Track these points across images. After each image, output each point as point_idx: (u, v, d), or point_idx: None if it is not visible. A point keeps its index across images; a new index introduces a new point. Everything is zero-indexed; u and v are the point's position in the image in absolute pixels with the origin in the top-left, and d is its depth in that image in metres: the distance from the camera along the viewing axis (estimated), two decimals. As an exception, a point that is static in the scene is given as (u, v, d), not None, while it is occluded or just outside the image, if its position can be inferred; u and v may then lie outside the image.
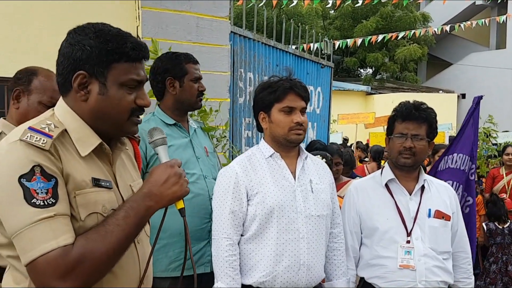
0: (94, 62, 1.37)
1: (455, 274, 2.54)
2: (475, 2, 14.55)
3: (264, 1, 10.50)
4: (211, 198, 2.48)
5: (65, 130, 1.37)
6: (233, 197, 2.30)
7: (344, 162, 4.14)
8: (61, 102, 1.44)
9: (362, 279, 2.56)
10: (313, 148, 3.81)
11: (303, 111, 2.35)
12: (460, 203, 3.18)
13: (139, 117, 1.47)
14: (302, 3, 14.76)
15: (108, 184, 1.42)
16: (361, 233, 2.58)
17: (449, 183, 3.26)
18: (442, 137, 9.58)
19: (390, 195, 2.53)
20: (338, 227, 2.50)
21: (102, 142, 1.42)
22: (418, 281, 2.41)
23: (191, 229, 2.07)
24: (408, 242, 2.44)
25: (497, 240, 5.19)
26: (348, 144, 10.37)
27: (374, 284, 2.49)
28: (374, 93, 15.69)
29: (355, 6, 15.43)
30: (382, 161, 6.37)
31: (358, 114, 9.37)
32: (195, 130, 2.83)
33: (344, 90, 15.94)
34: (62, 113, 1.41)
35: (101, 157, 1.44)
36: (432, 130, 2.54)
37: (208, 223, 2.61)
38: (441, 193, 2.58)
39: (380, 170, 2.67)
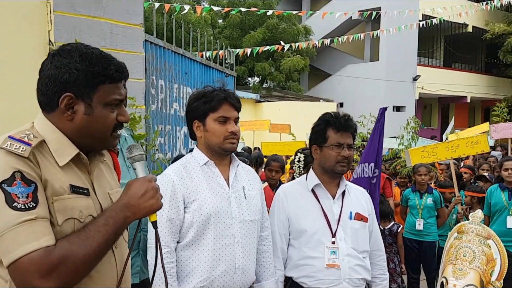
0: (81, 85, 1.45)
1: (372, 271, 2.77)
2: (351, 17, 15.74)
3: (156, 7, 10.43)
4: None
5: (44, 140, 1.44)
6: (170, 204, 2.34)
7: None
8: (41, 116, 1.51)
9: (290, 279, 2.69)
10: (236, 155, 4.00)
11: (236, 121, 2.45)
12: None
13: (118, 132, 1.58)
14: (192, 11, 14.92)
15: (85, 191, 1.48)
16: (289, 235, 2.71)
17: None
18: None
19: (316, 199, 2.71)
20: (267, 230, 2.63)
21: (79, 152, 1.49)
22: (342, 279, 2.60)
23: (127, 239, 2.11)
24: (333, 243, 2.62)
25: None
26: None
27: (302, 284, 2.64)
28: (263, 101, 16.28)
29: (243, 16, 15.94)
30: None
31: (255, 121, 9.70)
32: (125, 138, 2.82)
33: (236, 98, 16.32)
34: (42, 126, 1.48)
35: (79, 166, 1.50)
36: (354, 139, 2.77)
37: (138, 234, 2.62)
38: (359, 197, 2.82)
39: (305, 175, 2.84)
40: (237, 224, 2.40)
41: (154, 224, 1.60)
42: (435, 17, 16.55)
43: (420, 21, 16.71)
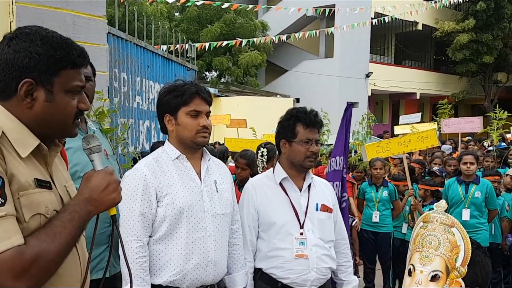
0: (41, 70, 1.37)
1: (337, 260, 2.86)
2: (306, 14, 15.97)
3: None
4: None
5: (3, 131, 1.35)
6: (142, 199, 2.35)
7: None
8: None
9: (259, 270, 2.75)
10: None
11: (207, 115, 2.46)
12: (339, 198, 3.65)
13: (79, 120, 1.51)
14: (147, 3, 14.72)
15: (48, 184, 1.43)
16: (258, 228, 2.77)
17: (337, 184, 3.72)
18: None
19: (284, 192, 2.78)
20: (237, 223, 2.68)
21: (40, 143, 1.42)
22: (310, 269, 2.69)
23: (92, 234, 2.09)
24: (301, 234, 2.70)
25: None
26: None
27: (271, 274, 2.72)
28: (221, 96, 16.28)
29: (200, 10, 15.86)
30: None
31: (215, 116, 9.68)
32: (94, 132, 2.78)
33: (195, 92, 16.25)
34: None
35: (38, 158, 1.43)
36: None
37: (108, 228, 2.60)
38: (323, 189, 2.92)
39: (272, 169, 2.90)
40: (209, 217, 2.44)
41: (114, 218, 1.57)
42: (386, 15, 17.00)
43: (372, 18, 17.10)
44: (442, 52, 25.99)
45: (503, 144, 10.61)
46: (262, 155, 5.09)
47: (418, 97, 25.01)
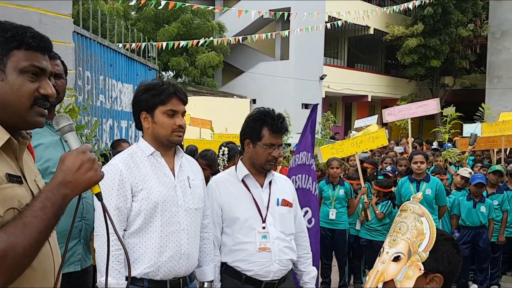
0: None
1: (298, 252, 3.00)
2: (263, 16, 16.17)
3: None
4: (83, 197, 2.50)
5: None
6: (118, 194, 2.41)
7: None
8: None
9: (224, 264, 2.85)
10: None
11: (183, 114, 2.55)
12: (313, 190, 3.81)
13: (45, 108, 1.46)
14: (103, 1, 14.51)
15: (19, 179, 1.39)
16: (222, 223, 2.87)
17: (299, 176, 3.87)
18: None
19: (246, 189, 2.89)
20: (208, 218, 2.78)
21: (10, 137, 1.38)
22: (273, 261, 2.81)
23: (64, 228, 2.00)
24: (263, 228, 2.82)
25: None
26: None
27: (236, 267, 2.83)
28: (178, 96, 16.15)
29: (157, 10, 15.75)
30: None
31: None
32: (64, 130, 2.82)
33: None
34: None
35: (7, 152, 1.39)
36: None
37: (80, 222, 2.66)
38: (283, 185, 3.04)
39: (235, 167, 3.01)
40: (182, 212, 2.52)
41: (99, 196, 1.50)
42: (340, 19, 17.43)
43: (326, 22, 17.48)
44: (392, 56, 26.74)
45: (449, 144, 11.16)
46: (223, 154, 5.21)
47: (369, 99, 25.64)
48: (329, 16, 19.50)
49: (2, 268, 1.22)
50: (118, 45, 6.77)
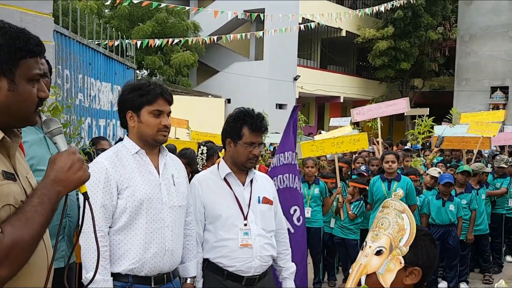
0: (3, 60, 1.39)
1: (277, 248, 3.08)
2: (237, 16, 16.25)
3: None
4: (67, 195, 2.58)
5: None
6: (104, 191, 2.45)
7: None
8: None
9: (207, 260, 2.92)
10: None
11: (168, 115, 2.62)
12: (299, 188, 3.89)
13: (40, 109, 1.54)
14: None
15: (13, 176, 1.44)
16: (205, 221, 2.94)
17: (287, 176, 3.95)
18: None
19: (228, 187, 2.96)
20: (191, 216, 2.84)
21: (4, 135, 1.43)
22: (254, 257, 2.88)
23: (51, 225, 2.11)
24: (245, 225, 2.89)
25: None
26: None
27: (218, 263, 2.89)
28: (153, 95, 16.06)
29: (131, 8, 15.64)
30: None
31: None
32: (48, 128, 2.84)
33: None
34: None
35: (0, 150, 1.44)
36: None
37: (64, 219, 2.66)
38: (264, 183, 3.12)
39: (217, 165, 3.08)
40: (167, 209, 2.58)
41: (85, 195, 1.59)
42: (313, 21, 17.64)
43: (299, 24, 17.66)
44: (364, 58, 27.17)
45: (418, 145, 11.44)
46: (202, 153, 5.27)
47: (342, 100, 25.97)
48: (302, 18, 19.68)
49: (12, 258, 1.30)
50: (93, 42, 6.75)
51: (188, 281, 2.82)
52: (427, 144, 11.77)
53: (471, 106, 24.30)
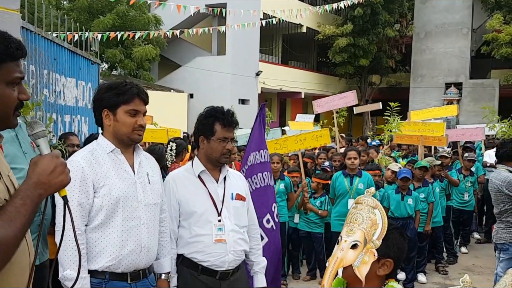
0: None
1: (250, 243, 3.17)
2: (199, 10, 16.19)
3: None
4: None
5: None
6: (80, 190, 2.48)
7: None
8: None
9: (181, 255, 2.98)
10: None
11: (144, 114, 2.67)
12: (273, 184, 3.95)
13: (20, 111, 1.55)
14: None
15: None
16: (179, 217, 3.00)
17: (266, 174, 4.01)
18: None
19: (202, 184, 3.03)
20: (165, 213, 2.89)
21: None
22: (228, 252, 2.95)
23: None
24: (219, 221, 2.97)
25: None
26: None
27: (193, 259, 2.96)
28: (114, 89, 15.81)
29: (91, 1, 15.33)
30: None
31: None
32: (19, 124, 2.83)
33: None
34: None
35: None
36: None
37: (39, 217, 2.69)
38: (237, 180, 3.20)
39: (191, 163, 3.14)
40: (142, 207, 2.63)
41: (65, 199, 1.60)
42: (275, 17, 17.78)
43: (261, 19, 17.76)
44: (324, 54, 27.54)
45: (373, 143, 11.76)
46: (171, 150, 5.30)
47: (303, 96, 26.27)
48: (264, 14, 19.77)
49: None
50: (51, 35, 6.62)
51: (163, 277, 2.88)
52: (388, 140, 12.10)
53: (426, 102, 25.08)
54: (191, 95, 19.99)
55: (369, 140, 12.17)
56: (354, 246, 1.80)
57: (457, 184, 8.09)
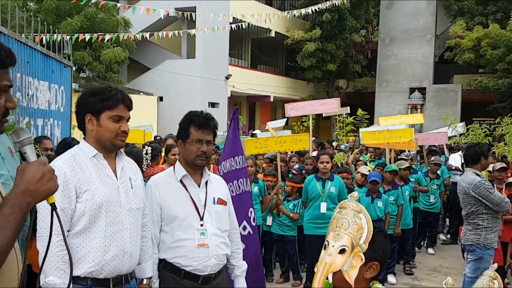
0: None
1: (231, 247, 3.19)
2: (169, 13, 16.12)
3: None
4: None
5: None
6: (62, 195, 2.45)
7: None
8: None
9: (163, 260, 2.97)
10: (71, 145, 4.00)
11: (128, 120, 2.67)
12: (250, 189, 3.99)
13: (6, 118, 1.54)
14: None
15: None
16: (161, 222, 3.00)
17: (241, 181, 4.03)
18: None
19: (184, 188, 3.03)
20: (147, 217, 2.89)
21: None
22: (211, 256, 2.96)
23: None
24: (201, 225, 2.97)
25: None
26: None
27: (175, 263, 2.94)
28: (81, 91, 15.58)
29: (58, 2, 15.02)
30: None
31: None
32: (-5, 130, 2.79)
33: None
34: None
35: None
36: (215, 136, 3.14)
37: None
38: (218, 185, 3.22)
39: (173, 167, 3.15)
40: (125, 212, 2.63)
41: (53, 206, 1.59)
42: (244, 21, 17.85)
43: (230, 23, 17.84)
44: (293, 58, 27.79)
45: (347, 145, 12.00)
46: (146, 153, 5.28)
47: (272, 99, 26.43)
48: (233, 18, 19.82)
49: None
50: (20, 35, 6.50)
51: (145, 281, 2.87)
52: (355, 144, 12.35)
53: (392, 106, 25.65)
54: (161, 98, 19.85)
55: (334, 143, 12.39)
56: (342, 251, 1.83)
57: (427, 191, 8.35)
